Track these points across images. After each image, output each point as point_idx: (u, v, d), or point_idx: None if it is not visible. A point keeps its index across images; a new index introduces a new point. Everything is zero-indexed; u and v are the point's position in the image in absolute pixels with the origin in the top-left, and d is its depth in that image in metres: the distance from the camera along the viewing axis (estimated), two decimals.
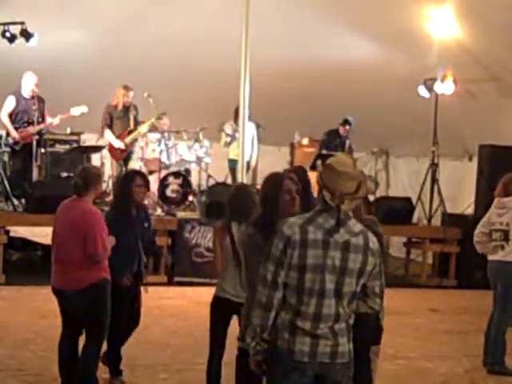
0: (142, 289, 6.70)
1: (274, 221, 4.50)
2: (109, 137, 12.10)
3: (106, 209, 7.15)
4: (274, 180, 4.91)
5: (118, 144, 12.05)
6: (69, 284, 5.88)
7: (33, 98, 11.50)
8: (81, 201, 5.94)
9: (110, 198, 10.92)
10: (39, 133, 11.71)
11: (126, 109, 12.09)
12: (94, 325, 5.89)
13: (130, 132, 12.12)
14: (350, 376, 4.01)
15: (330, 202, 3.86)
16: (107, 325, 5.93)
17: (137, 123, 12.16)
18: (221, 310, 5.74)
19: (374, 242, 3.97)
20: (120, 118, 12.11)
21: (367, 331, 5.50)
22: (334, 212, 3.86)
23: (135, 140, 12.23)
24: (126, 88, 11.97)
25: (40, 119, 11.59)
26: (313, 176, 5.81)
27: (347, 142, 13.64)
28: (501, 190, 7.67)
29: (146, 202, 7.13)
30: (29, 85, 11.52)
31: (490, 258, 7.65)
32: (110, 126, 12.08)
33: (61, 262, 5.92)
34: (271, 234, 4.05)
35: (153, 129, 12.36)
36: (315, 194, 4.77)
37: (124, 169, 12.26)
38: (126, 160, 12.30)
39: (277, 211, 4.70)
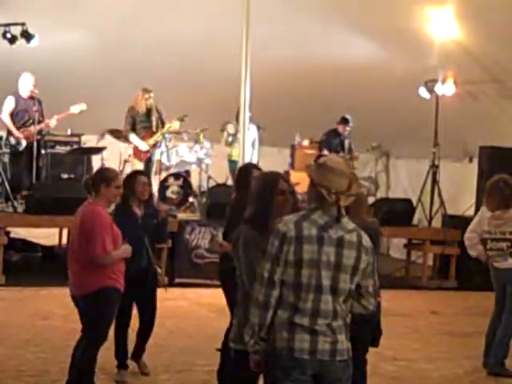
0: (163, 289, 6.95)
1: (266, 220, 4.53)
2: (134, 140, 12.07)
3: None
4: (268, 180, 4.88)
5: (144, 146, 12.05)
6: (76, 287, 5.89)
7: (31, 98, 11.52)
8: (90, 202, 5.91)
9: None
10: (40, 132, 11.73)
11: (148, 111, 12.09)
12: (91, 328, 5.85)
13: (153, 134, 12.10)
14: (350, 375, 4.02)
15: (328, 198, 3.94)
16: (105, 329, 5.90)
17: (163, 123, 12.13)
18: None
19: (366, 240, 4.03)
20: (142, 122, 12.08)
21: (363, 332, 5.52)
22: (333, 209, 3.94)
23: (157, 142, 12.20)
24: (146, 91, 11.94)
25: (40, 119, 11.61)
26: None
27: (346, 142, 13.65)
28: (499, 204, 7.55)
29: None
30: (26, 85, 11.55)
31: (498, 266, 7.59)
32: (133, 130, 12.10)
33: (70, 265, 5.92)
34: (263, 234, 4.20)
35: (174, 131, 12.39)
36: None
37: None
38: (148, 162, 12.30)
39: (270, 211, 4.68)
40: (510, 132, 12.94)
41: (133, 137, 12.09)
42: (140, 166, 12.05)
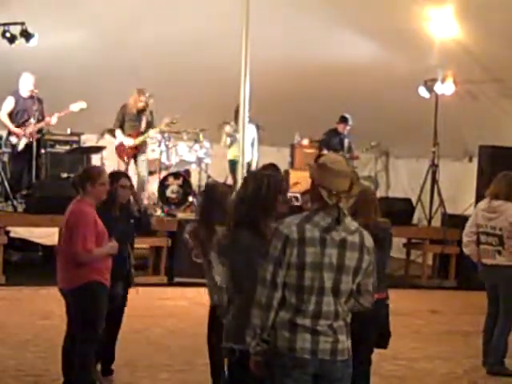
0: (134, 290, 6.73)
1: (264, 221, 4.51)
2: (118, 135, 12.08)
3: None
4: (270, 180, 4.70)
5: (128, 142, 12.02)
6: (63, 282, 5.98)
7: (32, 97, 11.53)
8: (78, 200, 6.00)
9: None
10: (40, 131, 11.73)
11: (140, 112, 12.07)
12: (83, 325, 5.88)
13: (140, 134, 12.07)
14: (350, 374, 4.03)
15: (327, 200, 3.91)
16: (98, 325, 5.92)
17: (149, 126, 12.10)
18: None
19: (369, 240, 4.02)
20: (131, 121, 12.06)
21: (367, 334, 5.53)
22: (334, 210, 3.91)
23: (144, 142, 12.18)
24: (139, 92, 11.95)
25: (40, 118, 11.62)
26: None
27: (346, 141, 13.65)
28: (500, 191, 7.56)
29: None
30: (27, 85, 11.56)
31: (487, 261, 7.60)
32: (121, 126, 12.08)
33: (59, 260, 6.04)
34: (258, 234, 4.31)
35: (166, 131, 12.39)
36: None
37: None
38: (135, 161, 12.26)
39: (270, 211, 4.62)
40: (509, 131, 12.95)
41: (118, 132, 12.08)
42: (121, 164, 11.99)
